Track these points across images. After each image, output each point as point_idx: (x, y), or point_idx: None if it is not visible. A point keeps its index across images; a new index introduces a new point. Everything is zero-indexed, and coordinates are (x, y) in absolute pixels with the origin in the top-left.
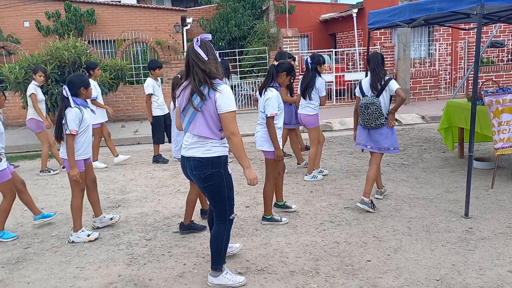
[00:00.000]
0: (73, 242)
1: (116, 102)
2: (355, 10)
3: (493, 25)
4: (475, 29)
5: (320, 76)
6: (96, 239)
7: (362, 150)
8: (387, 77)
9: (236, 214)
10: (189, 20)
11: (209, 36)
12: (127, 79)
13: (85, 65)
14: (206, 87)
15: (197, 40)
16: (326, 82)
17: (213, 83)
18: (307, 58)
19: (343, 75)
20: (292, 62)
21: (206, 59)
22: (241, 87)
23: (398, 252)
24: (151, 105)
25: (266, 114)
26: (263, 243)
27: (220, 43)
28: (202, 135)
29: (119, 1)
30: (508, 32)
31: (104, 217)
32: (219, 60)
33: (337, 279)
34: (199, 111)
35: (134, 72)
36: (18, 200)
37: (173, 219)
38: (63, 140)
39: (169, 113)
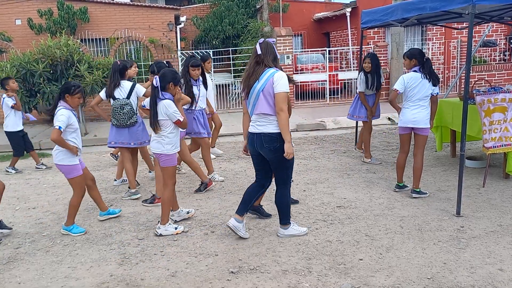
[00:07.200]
0: (160, 235)
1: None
2: (349, 9)
3: (486, 24)
4: (468, 28)
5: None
6: (182, 231)
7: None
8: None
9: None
10: (182, 18)
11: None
12: None
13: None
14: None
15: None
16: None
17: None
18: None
19: (337, 74)
20: None
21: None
22: (235, 86)
23: (390, 251)
24: None
25: (434, 93)
26: (256, 242)
27: (213, 42)
28: (264, 112)
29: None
30: (500, 32)
31: (181, 210)
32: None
33: (330, 278)
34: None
35: None
36: (10, 199)
37: None
38: (159, 129)
39: None
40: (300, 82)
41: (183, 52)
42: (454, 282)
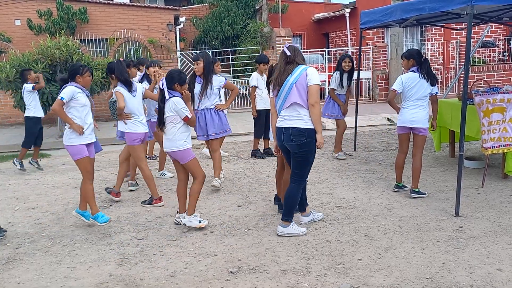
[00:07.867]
0: (184, 225)
1: None
2: (348, 10)
3: (485, 25)
4: (466, 29)
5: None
6: (205, 226)
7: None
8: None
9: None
10: (182, 19)
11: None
12: None
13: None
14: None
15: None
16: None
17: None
18: None
19: None
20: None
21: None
22: None
23: (389, 251)
24: (255, 99)
25: (433, 93)
26: (255, 242)
27: (213, 42)
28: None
29: (112, 0)
30: (499, 32)
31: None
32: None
33: (328, 278)
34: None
35: None
36: (10, 199)
37: (165, 218)
38: (165, 128)
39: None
40: None
41: (182, 52)
42: (452, 282)
